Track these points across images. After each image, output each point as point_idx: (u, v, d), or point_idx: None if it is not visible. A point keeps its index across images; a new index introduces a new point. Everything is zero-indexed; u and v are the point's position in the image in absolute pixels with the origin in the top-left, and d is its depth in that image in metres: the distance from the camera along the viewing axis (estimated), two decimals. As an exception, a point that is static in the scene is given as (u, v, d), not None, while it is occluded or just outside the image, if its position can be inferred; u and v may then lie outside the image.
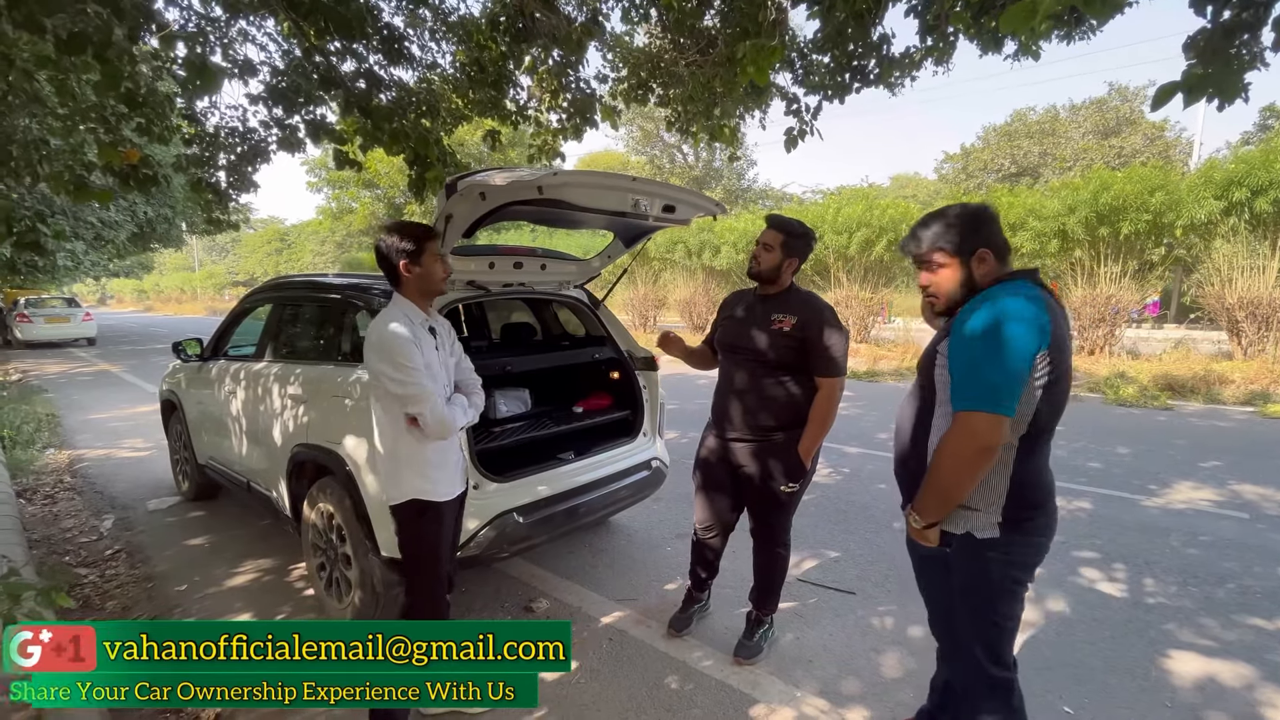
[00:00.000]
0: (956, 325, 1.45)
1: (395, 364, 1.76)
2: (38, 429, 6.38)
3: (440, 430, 1.82)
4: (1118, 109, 27.43)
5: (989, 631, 1.55)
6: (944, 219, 1.57)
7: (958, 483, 1.42)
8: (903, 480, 1.68)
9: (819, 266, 13.67)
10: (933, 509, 1.50)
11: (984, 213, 1.55)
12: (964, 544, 1.51)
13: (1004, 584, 1.50)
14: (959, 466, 1.40)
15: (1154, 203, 9.42)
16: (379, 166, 21.15)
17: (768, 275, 2.26)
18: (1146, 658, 2.47)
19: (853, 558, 3.38)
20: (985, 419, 1.34)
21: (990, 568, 1.49)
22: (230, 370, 3.55)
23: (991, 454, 1.37)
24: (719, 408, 2.39)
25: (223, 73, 2.88)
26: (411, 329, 1.83)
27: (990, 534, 1.47)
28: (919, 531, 1.55)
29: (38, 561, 3.29)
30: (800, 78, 4.50)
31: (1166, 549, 3.45)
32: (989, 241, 1.52)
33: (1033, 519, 1.47)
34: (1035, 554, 1.51)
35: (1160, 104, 1.85)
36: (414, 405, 1.79)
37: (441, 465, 1.92)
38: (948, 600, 1.63)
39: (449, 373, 1.99)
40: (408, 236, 1.85)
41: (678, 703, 2.21)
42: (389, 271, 1.89)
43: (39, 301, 16.17)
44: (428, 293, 1.92)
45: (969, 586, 1.55)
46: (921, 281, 1.62)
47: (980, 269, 1.52)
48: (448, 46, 5.01)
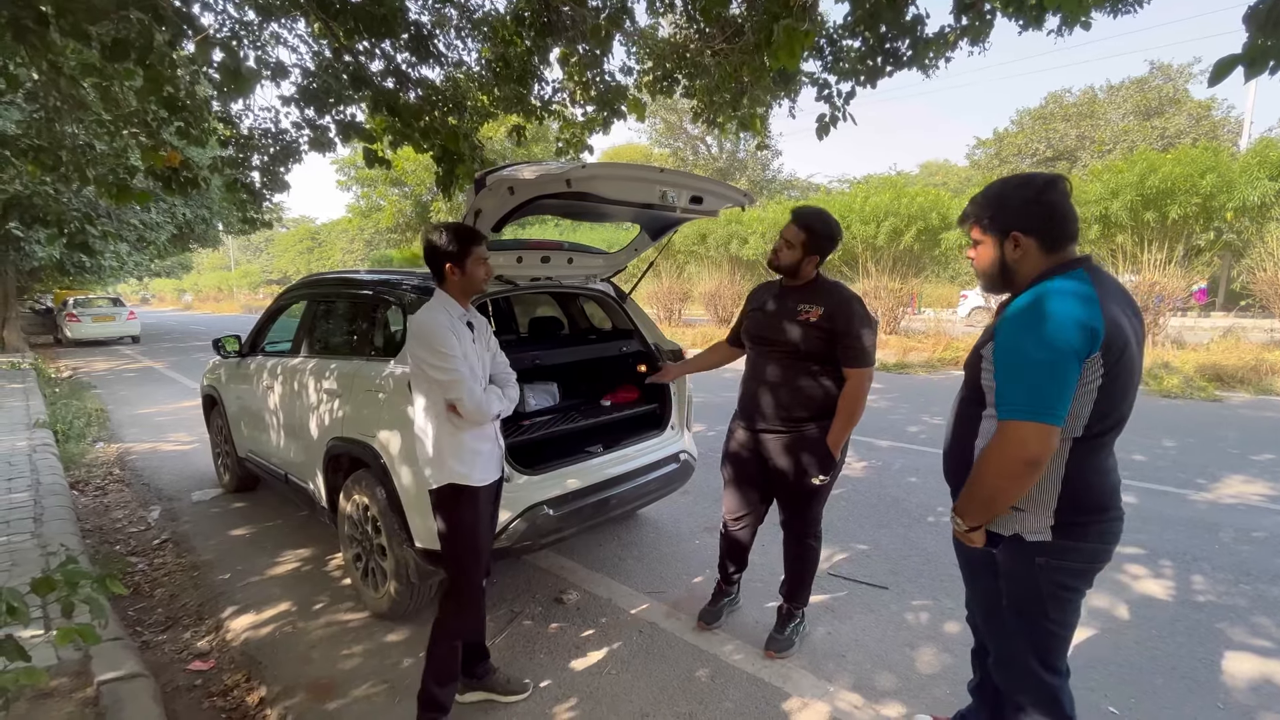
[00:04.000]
0: (1000, 326, 1.34)
1: (435, 351, 1.83)
2: (88, 424, 6.66)
3: (477, 415, 1.87)
4: (1160, 88, 26.29)
5: (1040, 637, 1.46)
6: (987, 189, 1.44)
7: (1001, 492, 1.34)
8: (950, 479, 1.61)
9: (847, 256, 13.46)
10: (975, 515, 1.42)
11: (1025, 188, 1.37)
12: (1012, 546, 1.42)
13: (1054, 590, 1.40)
14: (1003, 477, 1.31)
15: (1204, 185, 9.02)
16: (406, 164, 21.45)
17: (789, 270, 2.25)
18: (1196, 658, 2.38)
19: (885, 552, 3.33)
20: (1031, 429, 1.25)
21: (1039, 572, 1.40)
22: (268, 366, 3.65)
23: (1038, 468, 1.27)
24: (748, 400, 2.38)
25: (256, 75, 2.94)
26: (451, 321, 1.90)
27: (1041, 537, 1.38)
28: (963, 535, 1.47)
29: (91, 550, 3.44)
30: (829, 64, 4.42)
31: (1216, 545, 3.31)
32: (1026, 223, 1.36)
33: (1089, 524, 1.36)
34: (1092, 561, 1.40)
35: (1220, 78, 1.76)
36: (452, 390, 1.85)
37: (477, 452, 1.96)
38: (994, 601, 1.54)
39: (485, 365, 2.04)
40: (455, 239, 1.90)
41: (709, 695, 2.21)
42: (435, 269, 1.95)
43: (86, 301, 16.85)
44: (469, 292, 1.98)
45: (1018, 590, 1.46)
46: (968, 254, 1.53)
47: (1013, 254, 1.39)
48: (473, 44, 5.05)
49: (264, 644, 2.61)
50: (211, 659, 2.54)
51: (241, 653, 2.57)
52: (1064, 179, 1.36)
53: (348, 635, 2.64)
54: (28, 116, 3.59)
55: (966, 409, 1.51)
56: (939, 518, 3.78)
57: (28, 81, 3.46)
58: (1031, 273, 1.38)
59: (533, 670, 2.36)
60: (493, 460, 2.02)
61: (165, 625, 2.82)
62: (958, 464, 1.53)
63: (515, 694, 2.15)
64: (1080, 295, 1.26)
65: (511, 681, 2.17)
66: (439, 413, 1.91)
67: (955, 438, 1.56)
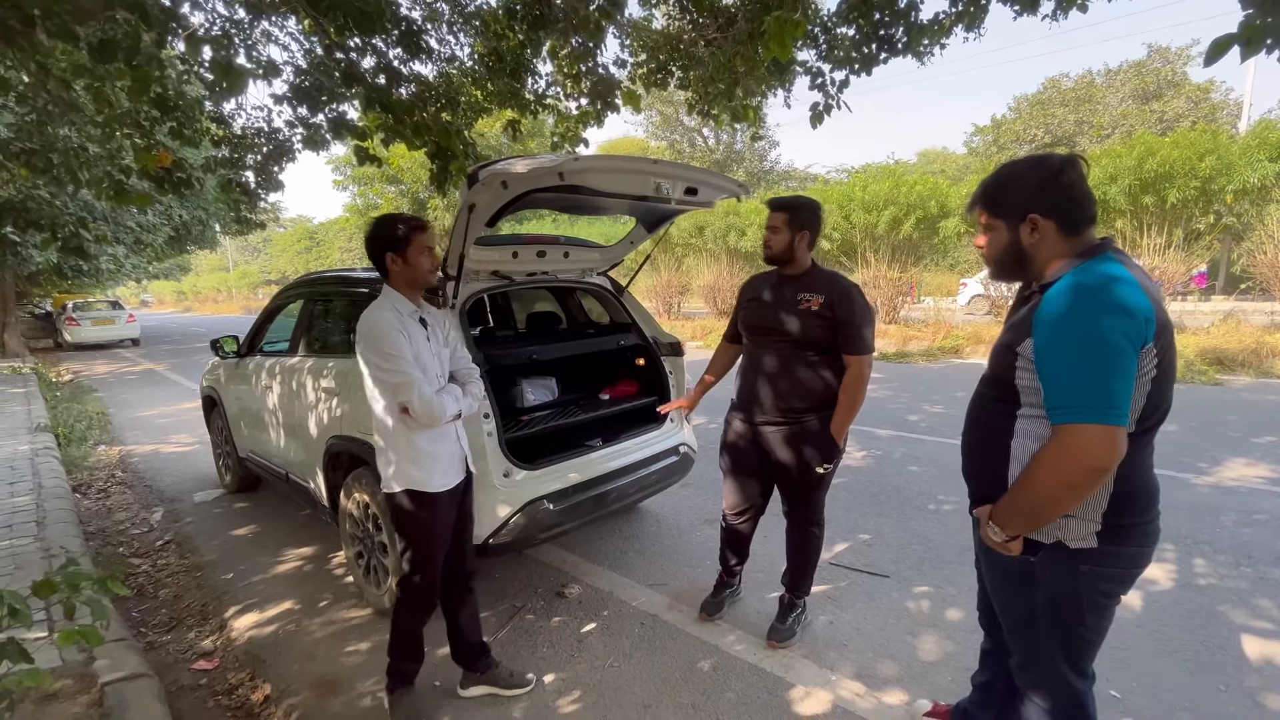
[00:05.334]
0: (1041, 320, 1.21)
1: (381, 353, 1.79)
2: (89, 426, 6.67)
3: (428, 417, 1.82)
4: (1158, 71, 26.11)
5: (1073, 643, 1.38)
6: (997, 171, 1.36)
7: (1057, 503, 1.22)
8: (972, 480, 1.49)
9: (846, 246, 13.42)
10: (1019, 525, 1.31)
11: (1040, 169, 1.28)
12: (1053, 555, 1.31)
13: (1095, 598, 1.32)
14: (1063, 488, 1.19)
15: (1204, 168, 8.98)
16: (401, 162, 21.38)
17: (782, 256, 2.25)
18: (1198, 640, 2.38)
19: (886, 541, 3.33)
20: (1098, 433, 1.12)
21: (1081, 581, 1.30)
22: (266, 366, 3.65)
23: (1105, 474, 1.16)
24: (746, 392, 2.36)
25: (247, 74, 2.92)
26: (400, 320, 1.85)
27: (1086, 544, 1.28)
28: (999, 544, 1.35)
29: (94, 552, 3.45)
30: (824, 53, 4.38)
31: (1218, 529, 3.32)
32: (1044, 205, 1.26)
33: (1135, 526, 1.28)
34: (1134, 566, 1.32)
35: (1216, 57, 1.74)
36: (402, 393, 1.80)
37: (435, 455, 1.91)
38: (1024, 610, 1.43)
39: (442, 363, 2.00)
40: (394, 229, 1.86)
41: (711, 685, 2.21)
42: (377, 264, 1.90)
43: (85, 305, 16.84)
44: (415, 284, 1.93)
45: (1057, 600, 1.35)
46: (976, 242, 1.43)
47: (1030, 238, 1.29)
48: (465, 39, 5.01)
49: (268, 642, 2.62)
50: (216, 658, 2.55)
51: (246, 651, 2.58)
52: (1081, 158, 1.29)
53: (351, 633, 2.65)
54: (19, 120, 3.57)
55: (990, 406, 1.40)
56: (939, 505, 3.78)
57: (18, 84, 3.44)
58: (1050, 259, 1.30)
59: (535, 664, 2.37)
60: (454, 463, 1.98)
61: (169, 625, 2.84)
62: (983, 466, 1.43)
63: (517, 688, 2.15)
64: (1124, 280, 1.16)
65: (514, 675, 2.18)
66: (394, 415, 1.86)
67: (979, 438, 1.45)
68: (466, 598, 2.13)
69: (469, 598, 2.14)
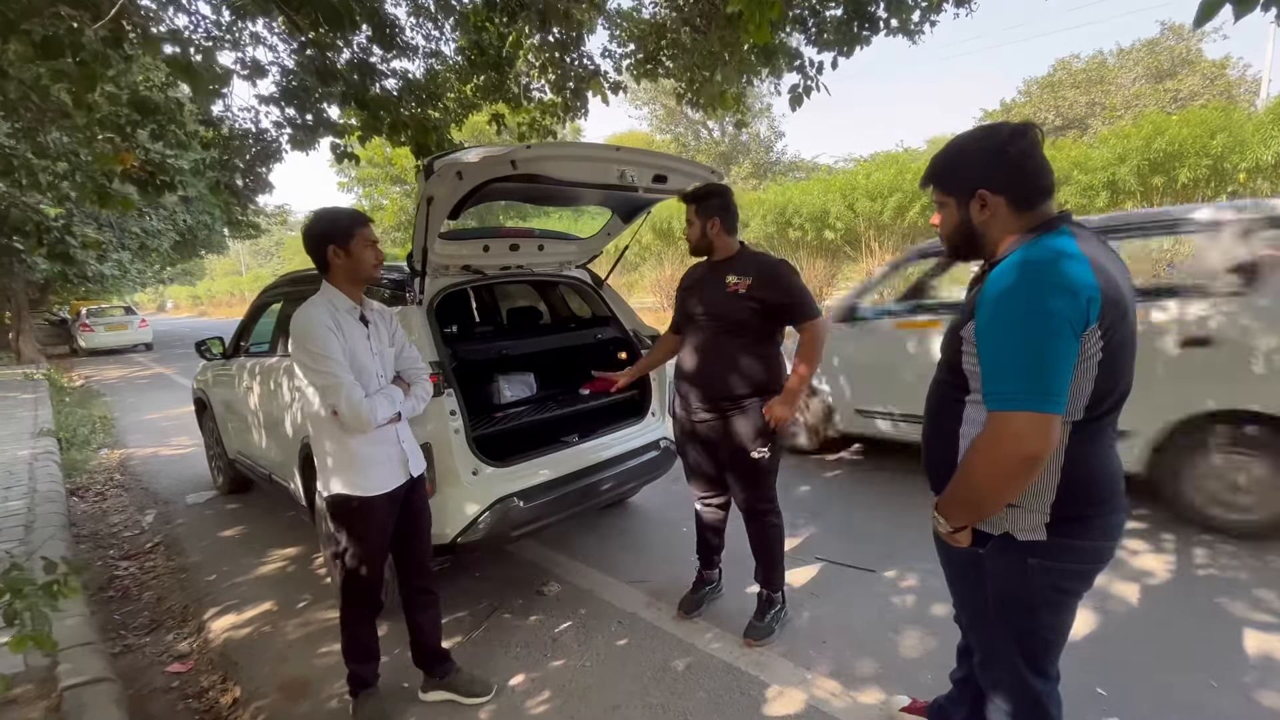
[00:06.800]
0: (981, 301, 1.15)
1: (309, 352, 1.72)
2: (93, 430, 6.75)
3: (356, 421, 1.74)
4: (1172, 49, 25.46)
5: (1029, 641, 1.32)
6: (948, 145, 1.28)
7: (994, 493, 1.17)
8: (930, 471, 1.43)
9: (849, 235, 13.25)
10: (962, 515, 1.26)
11: (989, 139, 1.22)
12: (1001, 546, 1.26)
13: (1048, 593, 1.25)
14: (996, 477, 1.13)
15: (1215, 146, 8.73)
16: (405, 162, 21.44)
17: (700, 246, 2.28)
18: (1193, 634, 2.29)
19: (872, 534, 3.25)
20: (1030, 420, 1.06)
21: (1032, 575, 1.23)
22: (248, 367, 3.64)
23: (1037, 464, 1.10)
24: (684, 381, 2.36)
25: (215, 75, 2.89)
26: (335, 317, 1.78)
27: (1035, 536, 1.21)
28: (946, 535, 1.31)
29: (84, 555, 3.47)
30: (813, 36, 4.29)
31: (1221, 517, 3.19)
32: (993, 179, 1.19)
33: (1090, 519, 1.20)
34: (1092, 560, 1.24)
35: (1206, 18, 1.63)
36: (329, 395, 1.73)
37: (370, 459, 1.84)
38: (978, 603, 1.38)
39: (384, 363, 1.92)
40: (336, 222, 1.80)
41: (683, 686, 2.16)
42: (317, 258, 1.84)
43: (99, 311, 17.11)
44: (358, 280, 1.86)
45: (1006, 594, 1.30)
46: (932, 220, 1.36)
47: (980, 215, 1.22)
48: (448, 32, 4.97)
49: (242, 644, 2.61)
50: (190, 660, 2.54)
51: (220, 653, 2.56)
52: (1034, 126, 1.21)
53: (326, 633, 2.63)
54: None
55: (946, 393, 1.34)
56: (930, 495, 3.69)
57: None
58: (1003, 235, 1.23)
59: (508, 664, 2.33)
60: (393, 465, 1.90)
61: (150, 628, 2.84)
62: (938, 455, 1.38)
63: (478, 696, 2.09)
64: (1068, 256, 1.09)
65: (475, 682, 2.12)
66: (326, 418, 1.80)
67: (935, 427, 1.40)
68: (426, 599, 2.09)
69: (428, 599, 2.10)
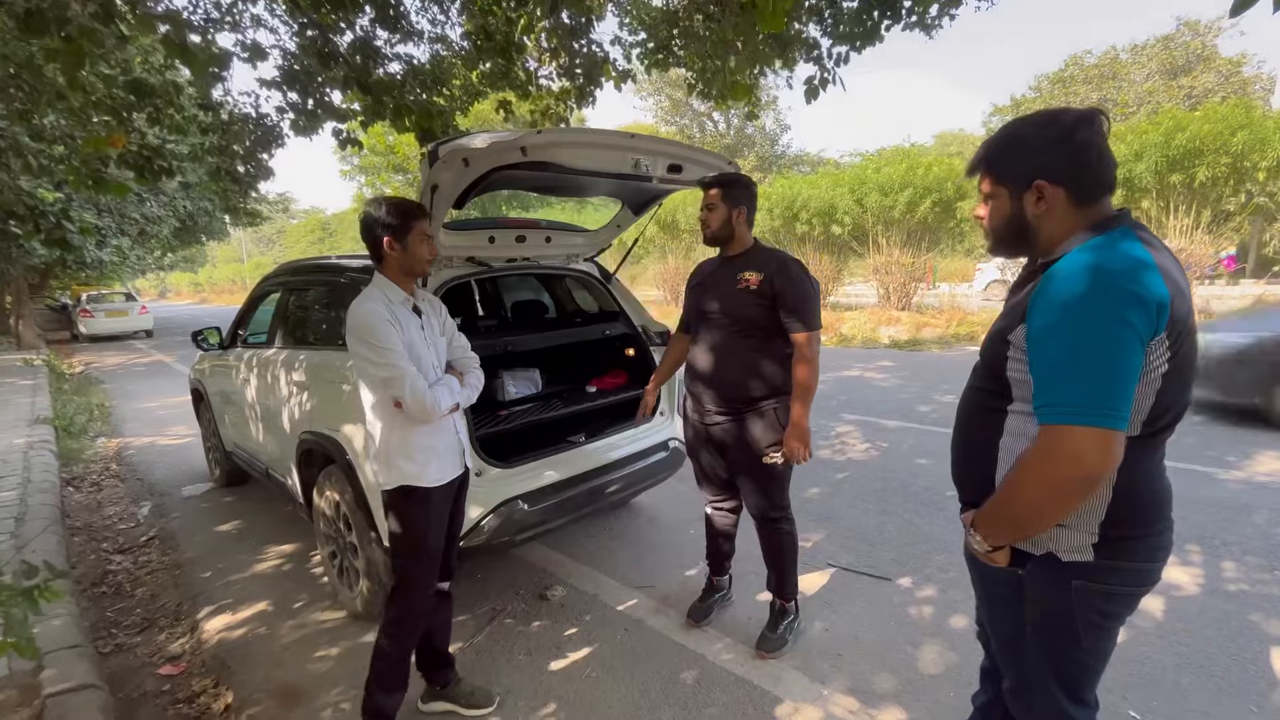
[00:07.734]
0: (1038, 304, 1.04)
1: (370, 345, 1.69)
2: (90, 419, 6.66)
3: (422, 412, 1.72)
4: (1188, 45, 25.13)
5: (1068, 668, 1.22)
6: (1003, 129, 1.17)
7: (1043, 514, 1.06)
8: (960, 482, 1.34)
9: (857, 230, 13.08)
10: (1002, 534, 1.15)
11: (1051, 126, 1.09)
12: (1043, 567, 1.15)
13: (1092, 617, 1.15)
14: (1048, 498, 1.03)
15: (1235, 144, 8.55)
16: (407, 150, 21.27)
17: (721, 234, 2.16)
18: (1227, 654, 2.19)
19: (890, 540, 3.16)
20: (1089, 437, 0.96)
21: (1075, 599, 1.14)
22: (245, 358, 3.54)
23: (1096, 484, 1.00)
24: (693, 384, 2.27)
25: (213, 56, 2.77)
26: (391, 309, 1.76)
27: (1080, 556, 1.11)
28: (983, 555, 1.20)
29: (78, 549, 3.38)
30: (830, 29, 4.15)
31: (1250, 528, 3.09)
32: (1053, 169, 1.08)
33: (1139, 540, 1.11)
34: (1140, 583, 1.14)
35: (1244, 7, 1.56)
36: (394, 387, 1.71)
37: (430, 449, 1.82)
38: (1013, 627, 1.28)
39: (438, 353, 1.90)
40: (395, 212, 1.75)
41: (693, 700, 2.07)
42: (372, 247, 1.80)
43: (99, 297, 16.98)
44: (411, 272, 1.83)
45: (1047, 619, 1.20)
46: (976, 212, 1.24)
47: (1036, 208, 1.11)
48: (455, 16, 4.83)
49: (236, 646, 2.52)
50: (182, 663, 2.45)
51: (213, 656, 2.48)
52: (1101, 113, 1.08)
53: (322, 637, 2.54)
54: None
55: (983, 400, 1.24)
56: (948, 502, 3.59)
57: None
58: (1058, 232, 1.11)
59: (510, 672, 2.24)
60: (451, 456, 1.88)
61: (142, 626, 2.75)
62: (971, 465, 1.28)
63: (479, 708, 2.00)
64: (1136, 259, 0.98)
65: (476, 693, 2.03)
66: (386, 409, 1.77)
67: (968, 435, 1.29)
68: (443, 600, 2.00)
69: (445, 600, 2.02)
